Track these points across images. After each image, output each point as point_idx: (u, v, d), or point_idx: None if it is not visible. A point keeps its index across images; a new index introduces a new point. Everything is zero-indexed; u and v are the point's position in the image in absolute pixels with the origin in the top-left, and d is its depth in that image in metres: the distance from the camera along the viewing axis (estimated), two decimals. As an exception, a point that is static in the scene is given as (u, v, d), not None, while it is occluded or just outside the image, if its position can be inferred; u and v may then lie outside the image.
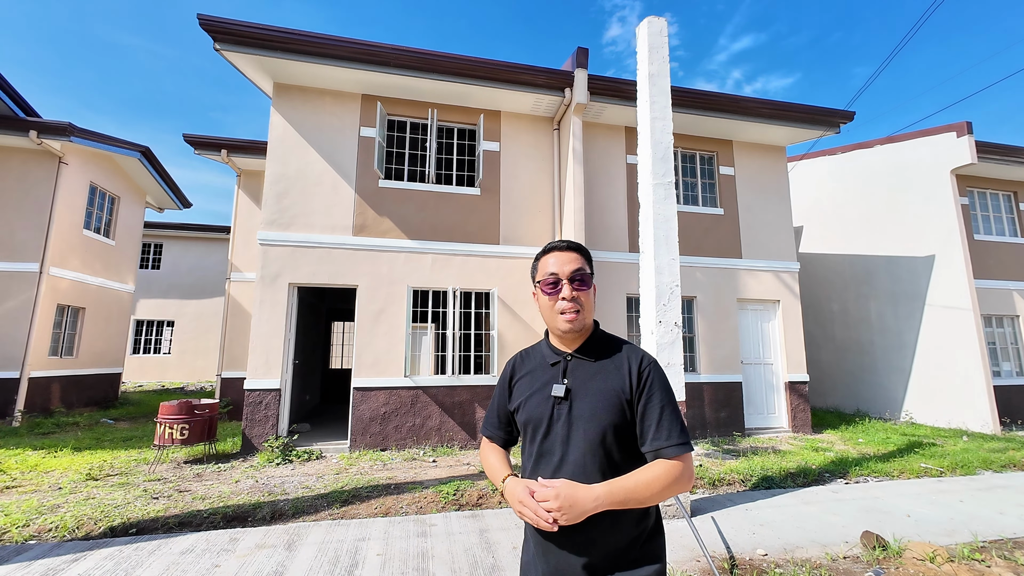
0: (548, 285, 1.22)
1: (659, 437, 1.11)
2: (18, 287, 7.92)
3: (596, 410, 1.14)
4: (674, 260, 4.12)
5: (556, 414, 1.18)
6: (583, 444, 1.12)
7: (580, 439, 1.13)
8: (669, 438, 1.11)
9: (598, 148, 7.43)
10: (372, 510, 3.92)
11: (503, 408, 1.35)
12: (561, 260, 1.23)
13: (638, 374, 1.16)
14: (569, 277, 1.21)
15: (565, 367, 1.23)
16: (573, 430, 1.14)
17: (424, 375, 6.49)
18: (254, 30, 5.69)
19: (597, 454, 1.12)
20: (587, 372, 1.20)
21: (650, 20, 4.42)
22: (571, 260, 1.23)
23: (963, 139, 8.11)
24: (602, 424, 1.12)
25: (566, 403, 1.18)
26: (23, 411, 7.67)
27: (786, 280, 7.94)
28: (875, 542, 3.27)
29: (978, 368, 7.75)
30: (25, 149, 8.24)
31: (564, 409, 1.17)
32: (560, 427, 1.16)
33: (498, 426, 1.36)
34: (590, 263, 1.26)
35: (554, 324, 1.24)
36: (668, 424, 1.12)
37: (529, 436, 1.23)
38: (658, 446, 1.11)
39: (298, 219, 6.20)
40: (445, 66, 6.31)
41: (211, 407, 5.43)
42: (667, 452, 1.10)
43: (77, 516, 3.60)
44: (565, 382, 1.20)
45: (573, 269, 1.21)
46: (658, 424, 1.12)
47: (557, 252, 1.26)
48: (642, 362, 1.18)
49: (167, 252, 15.82)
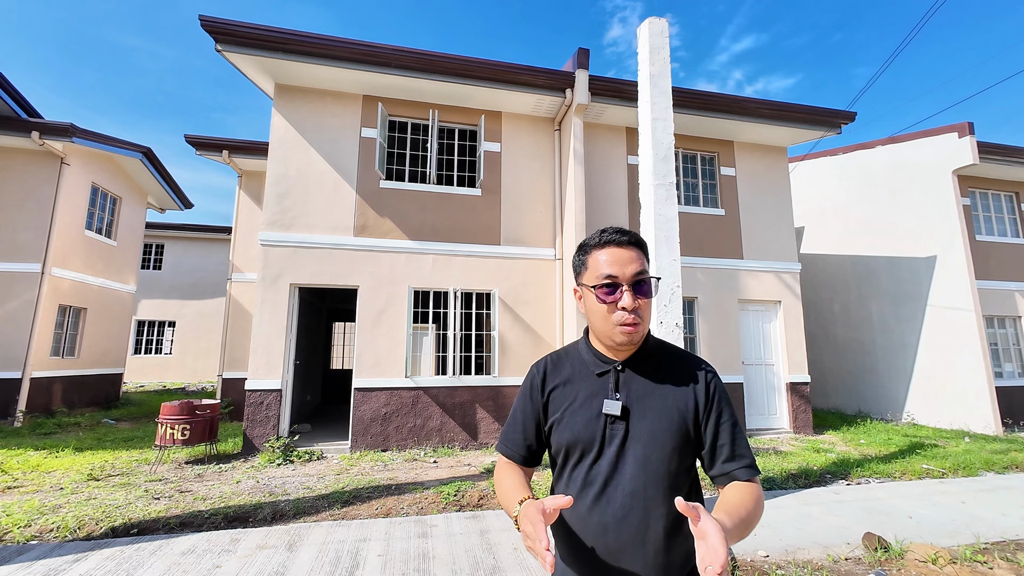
0: (604, 291, 1.00)
1: (734, 459, 1.00)
2: (20, 287, 7.93)
3: (657, 432, 0.99)
4: (675, 261, 4.12)
5: (609, 435, 1.00)
6: (642, 472, 0.97)
7: (637, 466, 0.98)
8: (743, 458, 1.00)
9: (599, 149, 7.43)
10: (373, 511, 3.92)
11: (531, 422, 1.12)
12: (621, 259, 1.01)
13: (705, 389, 1.03)
14: (631, 283, 0.99)
15: (617, 379, 1.04)
16: (628, 454, 0.99)
17: (425, 376, 6.49)
18: (255, 31, 5.70)
19: (662, 484, 0.97)
20: (643, 386, 1.03)
21: (651, 21, 4.42)
22: (633, 260, 1.01)
23: (965, 140, 8.09)
24: (666, 449, 0.98)
25: (621, 423, 1.00)
26: (25, 411, 7.69)
27: (787, 281, 7.93)
28: (877, 543, 3.26)
29: (980, 369, 7.74)
30: (27, 150, 8.26)
31: (619, 430, 1.00)
32: (613, 451, 0.99)
33: (523, 443, 1.12)
34: (649, 260, 1.07)
35: (607, 333, 1.02)
36: (743, 445, 1.01)
37: (573, 459, 1.03)
38: (732, 468, 0.99)
39: (299, 220, 6.21)
40: (446, 67, 6.31)
41: (212, 407, 5.43)
42: (741, 474, 0.98)
43: (78, 516, 3.60)
44: (619, 397, 1.02)
45: (635, 272, 1.00)
46: (732, 445, 1.00)
47: (615, 249, 1.03)
48: (707, 376, 1.05)
49: (168, 252, 15.85)
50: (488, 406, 6.43)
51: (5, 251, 7.96)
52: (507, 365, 6.57)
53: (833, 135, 7.93)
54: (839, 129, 7.87)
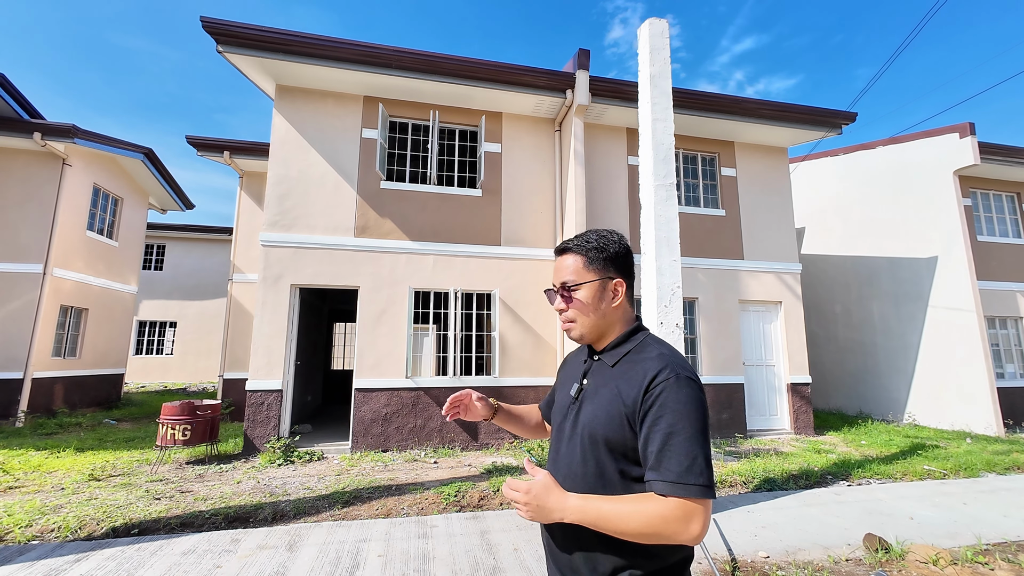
0: (550, 296, 1.16)
1: (657, 468, 0.92)
2: (22, 288, 7.95)
3: (595, 417, 1.04)
4: (675, 261, 4.12)
5: (568, 414, 1.14)
6: (577, 450, 1.06)
7: (576, 444, 1.07)
8: (667, 472, 0.90)
9: (599, 149, 7.44)
10: (373, 511, 3.92)
11: (551, 393, 1.38)
12: (557, 268, 1.16)
13: (646, 388, 0.97)
14: (559, 288, 1.14)
15: (588, 368, 1.17)
16: (573, 435, 1.08)
17: (426, 376, 6.49)
18: (256, 32, 5.71)
19: (588, 465, 1.03)
20: (603, 376, 1.10)
21: (651, 22, 4.42)
22: (561, 267, 1.14)
23: (966, 140, 8.08)
24: (595, 435, 1.03)
25: (576, 405, 1.12)
26: (26, 411, 7.70)
27: (788, 281, 7.92)
28: (877, 544, 3.25)
29: (981, 370, 7.72)
30: (29, 151, 8.28)
31: (574, 410, 1.12)
32: (567, 427, 1.12)
33: (546, 404, 1.42)
34: (591, 258, 1.11)
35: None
36: (672, 455, 0.90)
37: (553, 429, 1.22)
38: (652, 478, 0.92)
39: (300, 220, 6.22)
40: (446, 68, 6.32)
41: (213, 408, 5.44)
42: (657, 487, 0.90)
43: (80, 516, 3.61)
44: (584, 383, 1.14)
45: (561, 279, 1.13)
46: (659, 452, 0.92)
47: (556, 259, 1.17)
48: (657, 375, 0.97)
49: (170, 253, 15.87)
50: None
51: (7, 252, 7.98)
52: (508, 365, 6.57)
53: (834, 136, 7.93)
54: (840, 130, 7.87)
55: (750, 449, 6.33)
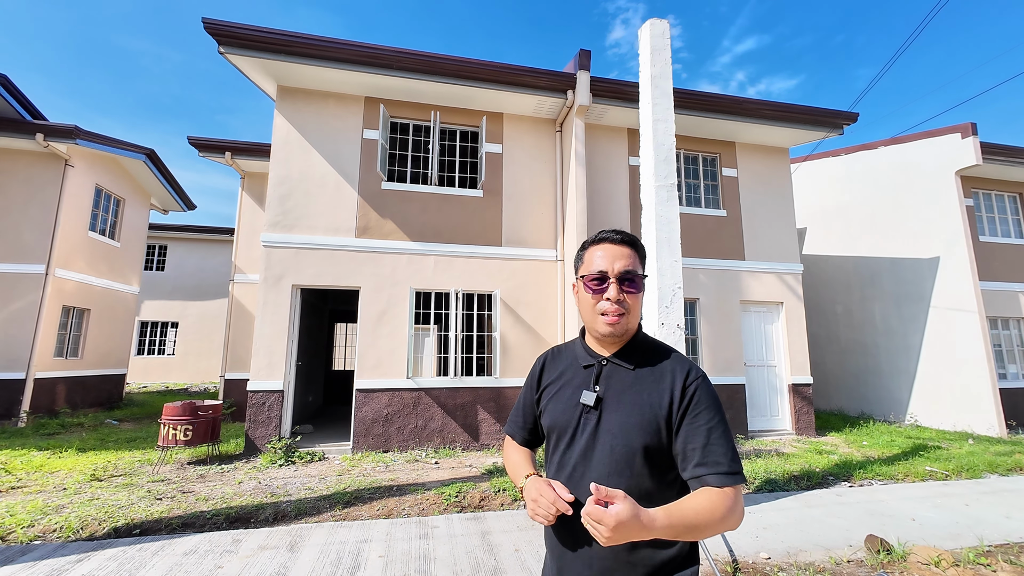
0: (592, 281, 1.08)
1: (705, 463, 0.95)
2: (24, 288, 7.97)
3: (628, 426, 1.01)
4: (676, 262, 4.12)
5: (582, 424, 1.06)
6: (607, 463, 1.01)
7: (605, 456, 1.01)
8: (718, 464, 0.95)
9: (600, 150, 7.44)
10: (374, 512, 3.92)
11: (529, 408, 1.23)
12: (611, 255, 1.09)
13: (682, 390, 1.01)
14: (618, 276, 1.06)
15: (599, 372, 1.10)
16: (598, 445, 1.02)
17: (426, 377, 6.50)
18: (257, 33, 5.72)
19: (624, 476, 0.99)
20: (623, 381, 1.07)
21: (652, 22, 4.42)
22: (623, 256, 1.08)
23: (968, 140, 8.06)
24: (633, 443, 1.00)
25: (595, 413, 1.05)
26: (28, 412, 7.72)
27: (789, 282, 7.91)
28: (879, 546, 3.25)
29: (984, 370, 7.70)
30: (31, 152, 8.31)
31: (592, 419, 1.05)
32: (584, 439, 1.04)
33: (522, 426, 1.24)
34: (643, 260, 1.12)
35: (593, 325, 1.10)
36: (717, 448, 0.96)
37: (552, 443, 1.12)
38: (702, 472, 0.95)
39: (301, 221, 6.23)
40: (447, 68, 6.33)
41: (214, 408, 5.45)
42: (712, 480, 0.94)
43: (81, 517, 3.62)
44: (597, 389, 1.08)
45: (624, 267, 1.07)
46: (704, 448, 0.96)
47: (608, 245, 1.11)
48: (688, 376, 1.03)
49: (171, 254, 15.91)
50: (489, 407, 6.43)
51: (9, 252, 8.01)
52: (508, 366, 6.57)
53: (835, 136, 7.92)
54: (841, 130, 7.86)
55: (751, 450, 6.33)
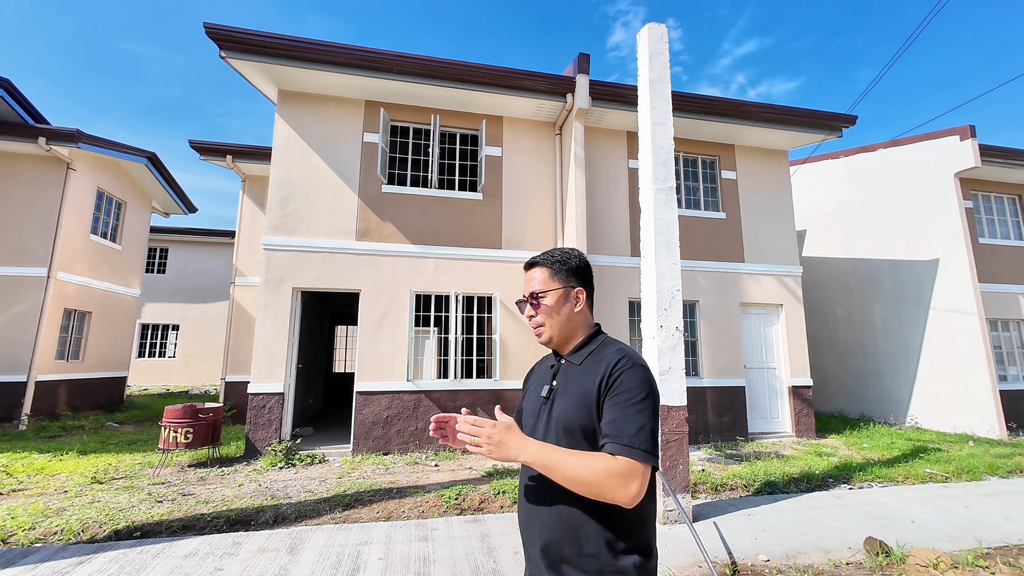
0: (521, 305, 1.31)
1: (608, 434, 1.04)
2: (26, 291, 8.00)
3: (567, 411, 1.14)
4: (675, 264, 4.13)
5: (541, 412, 1.22)
6: (552, 443, 1.12)
7: (552, 438, 1.13)
8: (619, 436, 1.01)
9: (600, 153, 7.46)
10: (374, 514, 3.93)
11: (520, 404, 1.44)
12: (526, 280, 1.32)
13: (609, 374, 1.10)
14: (527, 297, 1.28)
15: (556, 370, 1.27)
16: (548, 430, 1.16)
17: (426, 379, 6.51)
18: (258, 38, 5.76)
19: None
20: (570, 375, 1.21)
21: (650, 26, 4.45)
22: (529, 279, 1.30)
23: (966, 142, 8.08)
24: (569, 425, 1.11)
25: (548, 403, 1.21)
26: (30, 414, 7.73)
27: (789, 284, 7.92)
28: (878, 548, 3.25)
29: (984, 372, 7.70)
30: (34, 155, 8.35)
31: (547, 409, 1.20)
32: (541, 426, 1.19)
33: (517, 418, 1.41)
34: (561, 272, 1.26)
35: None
36: (624, 423, 1.03)
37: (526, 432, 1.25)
38: (604, 442, 1.04)
39: (302, 224, 6.25)
40: (447, 72, 6.36)
41: (215, 411, 5.46)
42: (608, 447, 1.01)
43: (82, 519, 3.63)
44: (554, 384, 1.24)
45: (529, 290, 1.28)
46: (612, 421, 1.05)
47: (526, 273, 1.33)
48: (618, 363, 1.11)
49: (172, 256, 15.94)
50: (489, 409, 6.44)
51: (11, 255, 8.04)
52: (508, 368, 6.58)
53: (834, 138, 7.94)
54: (840, 132, 7.88)
55: (751, 452, 6.33)
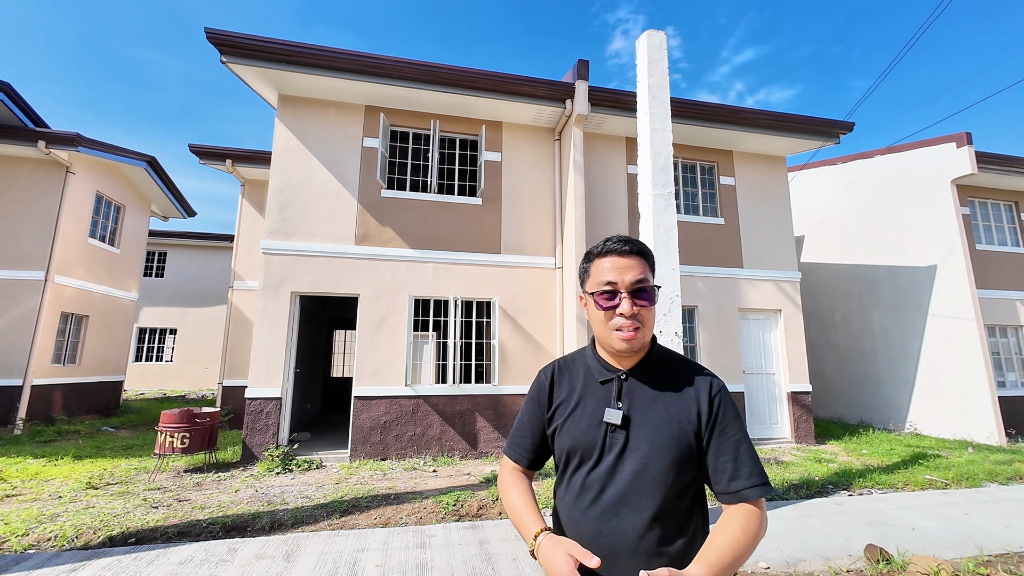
0: (603, 296, 1.03)
1: (739, 476, 0.96)
2: (23, 295, 7.97)
3: (657, 443, 0.98)
4: (674, 270, 4.13)
5: (608, 443, 1.02)
6: (638, 482, 0.98)
7: (635, 475, 0.98)
8: (751, 477, 0.96)
9: (599, 158, 7.49)
10: (372, 520, 3.90)
11: (538, 427, 1.14)
12: (620, 267, 1.03)
13: (708, 402, 1.01)
14: (630, 289, 1.01)
15: (620, 388, 1.05)
16: (626, 463, 0.99)
17: (425, 384, 6.49)
18: (259, 43, 5.78)
19: (657, 495, 0.97)
20: (646, 396, 1.04)
21: (649, 34, 4.48)
22: (632, 267, 1.03)
23: (963, 149, 8.13)
24: (665, 460, 0.97)
25: (622, 432, 1.01)
26: (25, 419, 7.68)
27: (787, 290, 7.93)
28: (879, 555, 3.23)
29: (982, 379, 7.70)
30: (33, 159, 8.35)
31: (619, 438, 1.01)
32: (611, 459, 1.01)
33: (530, 448, 1.15)
34: (653, 269, 1.08)
35: (608, 340, 1.05)
36: (749, 462, 0.97)
37: (573, 464, 1.06)
38: (740, 487, 0.96)
39: (301, 228, 6.25)
40: (447, 78, 6.39)
41: (212, 416, 5.43)
42: (749, 494, 0.95)
43: (76, 525, 3.60)
44: (620, 406, 1.03)
45: (635, 279, 1.02)
46: (736, 462, 0.97)
47: (616, 257, 1.04)
48: (712, 388, 1.03)
49: (171, 260, 15.92)
50: (488, 415, 6.42)
51: (9, 259, 8.02)
52: (507, 374, 6.56)
53: (832, 145, 7.99)
54: (837, 139, 7.93)
55: (751, 458, 6.30)
